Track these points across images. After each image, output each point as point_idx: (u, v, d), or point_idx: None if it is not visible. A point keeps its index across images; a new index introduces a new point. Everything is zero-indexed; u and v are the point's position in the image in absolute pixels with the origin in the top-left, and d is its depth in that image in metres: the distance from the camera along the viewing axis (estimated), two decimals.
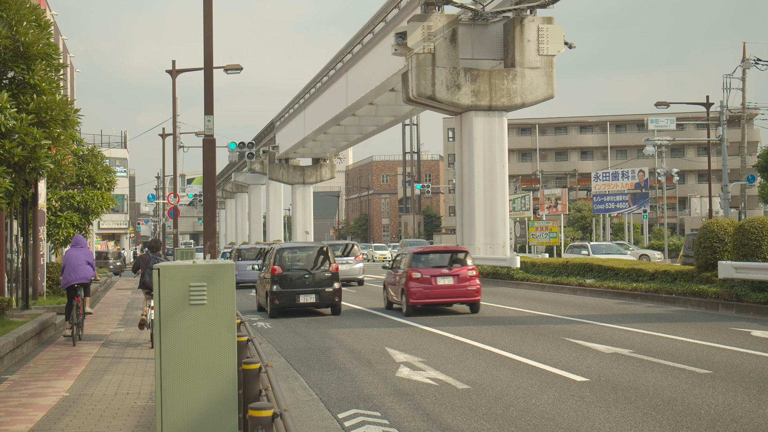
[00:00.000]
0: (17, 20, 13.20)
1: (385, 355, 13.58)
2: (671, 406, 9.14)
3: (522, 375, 11.35)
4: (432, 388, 10.60)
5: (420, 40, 34.18)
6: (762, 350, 12.93)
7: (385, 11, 41.40)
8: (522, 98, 35.46)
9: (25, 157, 12.74)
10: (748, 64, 43.44)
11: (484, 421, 8.78)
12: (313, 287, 20.65)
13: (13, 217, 18.87)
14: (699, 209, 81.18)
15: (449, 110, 36.90)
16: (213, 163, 16.54)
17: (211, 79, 16.38)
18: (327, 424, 8.96)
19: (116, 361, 13.02)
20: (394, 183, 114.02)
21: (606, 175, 61.54)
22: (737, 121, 65.35)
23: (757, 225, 19.94)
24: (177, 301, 6.91)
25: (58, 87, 14.15)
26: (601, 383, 10.55)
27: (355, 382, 11.27)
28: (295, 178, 78.96)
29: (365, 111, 53.57)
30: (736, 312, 18.83)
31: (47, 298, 21.48)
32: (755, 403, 9.19)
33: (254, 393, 6.74)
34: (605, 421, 8.61)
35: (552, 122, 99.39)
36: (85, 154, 27.35)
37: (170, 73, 37.55)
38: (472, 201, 35.60)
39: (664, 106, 44.95)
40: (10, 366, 12.52)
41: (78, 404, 9.64)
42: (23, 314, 17.39)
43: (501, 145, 35.83)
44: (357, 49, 47.65)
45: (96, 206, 27.01)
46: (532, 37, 35.20)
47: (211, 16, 16.30)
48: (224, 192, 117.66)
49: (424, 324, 17.89)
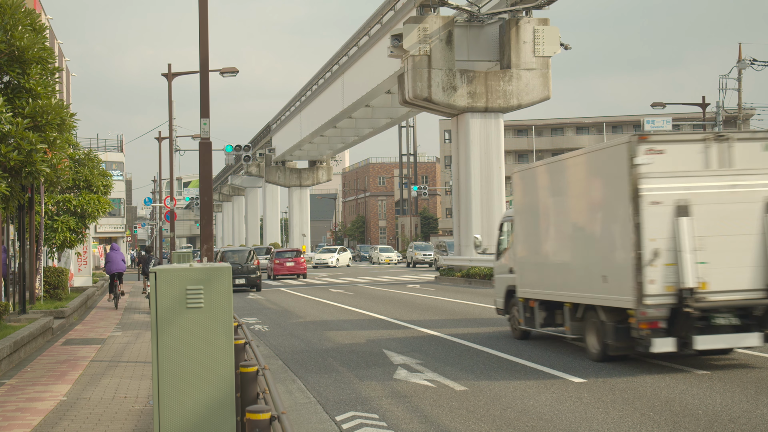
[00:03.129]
0: (12, 24, 13.19)
1: (382, 356, 13.58)
2: (669, 407, 9.15)
3: (520, 376, 11.35)
4: (430, 389, 10.60)
5: (416, 42, 34.21)
6: (760, 350, 12.94)
7: (380, 13, 41.43)
8: (518, 100, 35.49)
9: (21, 161, 12.71)
10: (744, 64, 43.50)
11: (482, 422, 8.78)
12: (243, 274, 34.12)
13: (9, 221, 18.84)
14: None
15: (445, 112, 36.94)
16: (209, 166, 16.52)
17: (207, 83, 16.36)
18: (325, 426, 8.96)
19: (113, 365, 13.00)
20: (390, 185, 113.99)
21: None
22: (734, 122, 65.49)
23: None
24: (174, 305, 6.90)
25: (53, 91, 14.12)
26: (598, 384, 10.56)
27: (353, 384, 11.26)
28: (291, 180, 78.96)
29: (361, 113, 53.59)
30: None
31: (44, 302, 21.45)
32: (753, 404, 9.19)
33: (252, 396, 6.73)
34: (603, 422, 8.61)
35: (548, 123, 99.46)
36: (81, 158, 27.31)
37: (166, 77, 37.51)
38: (468, 202, 35.63)
39: (660, 107, 45.02)
40: (8, 370, 12.50)
41: (75, 408, 9.62)
42: (20, 318, 17.37)
43: (497, 146, 35.87)
44: (353, 52, 47.67)
45: (92, 210, 26.97)
46: (528, 38, 35.24)
47: (207, 20, 16.29)
48: (221, 195, 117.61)
49: (421, 326, 17.90)
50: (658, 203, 10.97)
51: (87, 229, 29.03)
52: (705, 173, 11.16)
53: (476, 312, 20.91)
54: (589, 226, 12.69)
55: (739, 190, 11.18)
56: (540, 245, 14.25)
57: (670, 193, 10.99)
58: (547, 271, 14.04)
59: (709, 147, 11.24)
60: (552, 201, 13.83)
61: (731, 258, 11.01)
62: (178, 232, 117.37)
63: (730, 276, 11.00)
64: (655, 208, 10.96)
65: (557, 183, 13.68)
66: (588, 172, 12.78)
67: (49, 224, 25.83)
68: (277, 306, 25.61)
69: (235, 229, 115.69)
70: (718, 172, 11.18)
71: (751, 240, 11.08)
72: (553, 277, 13.77)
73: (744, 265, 11.04)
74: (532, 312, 14.39)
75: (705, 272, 10.87)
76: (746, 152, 11.27)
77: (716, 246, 10.97)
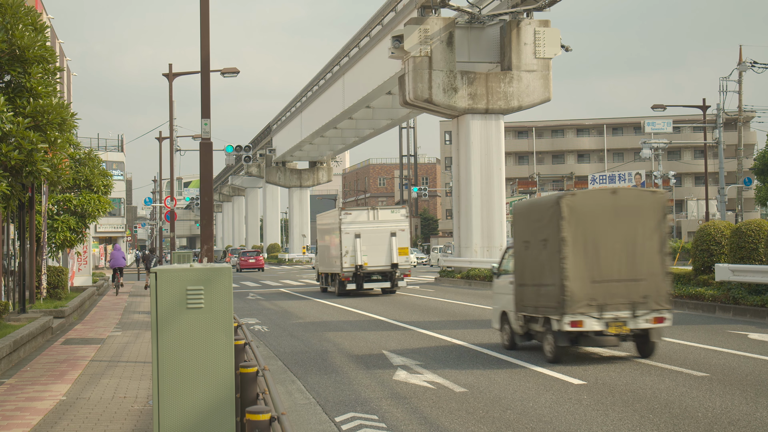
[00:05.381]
0: (13, 24, 13.18)
1: (382, 358, 13.58)
2: (668, 409, 9.15)
3: (519, 378, 11.35)
4: (429, 391, 10.60)
5: (417, 44, 34.20)
6: (759, 353, 12.94)
7: (381, 14, 41.42)
8: (519, 101, 35.48)
9: (22, 160, 12.72)
10: (745, 66, 43.50)
11: (482, 424, 8.78)
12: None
13: (9, 220, 18.84)
14: (696, 212, 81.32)
15: (446, 113, 36.93)
16: (210, 166, 16.51)
17: (208, 83, 16.36)
18: (324, 427, 8.95)
19: (113, 365, 13.00)
20: (391, 186, 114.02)
21: (603, 178, 61.68)
22: (734, 124, 65.48)
23: (753, 228, 19.96)
24: (174, 305, 6.90)
25: (54, 91, 14.12)
26: (598, 386, 10.56)
27: (353, 385, 11.26)
28: (291, 181, 78.96)
29: (362, 114, 53.59)
30: (733, 315, 18.85)
31: (44, 302, 21.44)
32: (752, 406, 9.19)
33: (251, 397, 6.73)
34: (602, 424, 8.61)
35: (549, 125, 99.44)
36: (81, 158, 27.32)
37: (167, 77, 37.53)
38: (469, 204, 35.61)
39: (660, 109, 45.06)
40: (7, 370, 12.50)
41: (75, 408, 9.62)
42: (20, 318, 17.36)
43: (498, 148, 35.85)
44: (354, 52, 47.67)
45: (93, 210, 26.98)
46: (529, 40, 35.22)
47: (208, 21, 16.28)
48: (221, 195, 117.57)
49: (421, 327, 17.90)
50: (348, 233, 28.84)
51: (87, 229, 29.04)
52: (366, 221, 29.05)
53: (476, 313, 20.91)
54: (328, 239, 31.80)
55: (380, 228, 29.04)
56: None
57: (352, 228, 28.85)
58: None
59: (369, 211, 29.37)
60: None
61: (376, 254, 28.80)
62: (178, 233, 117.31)
63: (375, 260, 28.80)
64: (346, 235, 28.81)
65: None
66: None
67: (50, 224, 25.81)
68: (277, 307, 25.61)
69: (235, 230, 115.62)
70: (372, 221, 29.05)
71: (384, 248, 28.86)
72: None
73: (381, 256, 28.83)
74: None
75: (365, 259, 28.74)
76: (383, 213, 29.30)
77: (370, 250, 28.78)
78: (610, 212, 12.38)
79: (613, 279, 12.22)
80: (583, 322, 12.08)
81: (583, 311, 12.07)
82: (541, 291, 12.81)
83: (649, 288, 12.29)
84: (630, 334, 12.38)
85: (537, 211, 13.36)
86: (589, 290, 12.11)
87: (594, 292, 12.13)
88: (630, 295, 12.24)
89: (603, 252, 12.20)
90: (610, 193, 12.85)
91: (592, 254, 12.16)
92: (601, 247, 12.21)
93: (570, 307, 12.03)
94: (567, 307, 12.03)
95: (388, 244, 28.68)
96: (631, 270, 12.28)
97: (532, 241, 13.29)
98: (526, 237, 13.56)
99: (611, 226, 12.33)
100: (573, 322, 12.07)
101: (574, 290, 12.04)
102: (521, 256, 13.66)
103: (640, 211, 12.50)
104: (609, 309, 12.15)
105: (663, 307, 12.37)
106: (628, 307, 12.21)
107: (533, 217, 13.43)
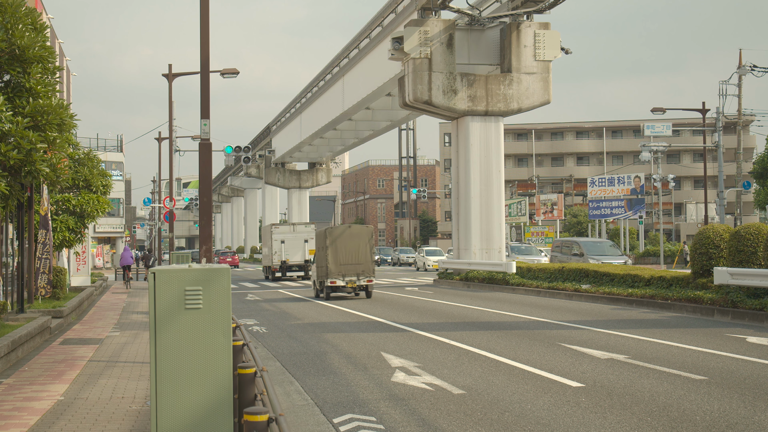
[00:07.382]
0: (13, 23, 13.17)
1: (380, 359, 13.57)
2: (667, 412, 9.15)
3: (517, 380, 11.34)
4: (427, 393, 10.59)
5: (416, 45, 34.22)
6: (757, 356, 12.95)
7: (381, 16, 41.45)
8: (518, 103, 35.51)
9: (21, 160, 12.70)
10: (744, 70, 43.56)
11: (480, 426, 8.77)
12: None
13: (8, 220, 18.83)
14: (695, 215, 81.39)
15: (446, 115, 36.94)
16: (209, 167, 16.51)
17: (208, 84, 16.36)
18: (322, 429, 8.95)
19: (111, 365, 12.99)
20: (390, 188, 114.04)
21: (602, 180, 61.65)
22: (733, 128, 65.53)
23: (752, 231, 19.97)
24: (172, 305, 6.89)
25: (54, 91, 14.11)
26: (596, 389, 10.55)
27: (351, 386, 11.26)
28: (291, 182, 78.98)
29: (362, 115, 53.62)
30: (731, 318, 18.85)
31: (42, 302, 21.43)
32: (750, 410, 9.19)
33: (249, 397, 6.73)
34: (601, 426, 8.60)
35: (548, 127, 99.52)
36: (80, 158, 27.31)
37: (167, 77, 37.56)
38: (468, 206, 35.62)
39: (660, 112, 45.07)
40: (5, 369, 12.49)
41: (73, 408, 9.61)
42: (18, 318, 17.35)
43: (497, 150, 35.87)
44: (353, 54, 47.69)
45: (92, 210, 26.97)
46: (529, 42, 35.26)
47: (208, 22, 16.28)
48: (220, 196, 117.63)
49: (420, 329, 17.90)
50: (276, 240, 44.41)
51: (86, 229, 29.02)
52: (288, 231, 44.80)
53: (474, 315, 20.91)
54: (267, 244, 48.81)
55: (297, 236, 44.39)
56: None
57: (278, 236, 44.55)
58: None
59: (291, 225, 45.51)
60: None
61: (295, 253, 44.19)
62: (177, 233, 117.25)
63: (295, 258, 44.14)
64: (276, 241, 44.42)
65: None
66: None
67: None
68: (275, 308, 25.60)
69: (234, 230, 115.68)
70: (292, 231, 44.67)
71: (300, 249, 44.18)
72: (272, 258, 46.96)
73: (298, 254, 44.18)
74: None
75: (287, 257, 44.16)
76: (299, 227, 45.04)
77: (291, 251, 44.20)
78: (348, 235, 27.93)
79: (349, 263, 27.73)
80: (335, 282, 27.65)
81: (335, 278, 27.61)
82: (320, 269, 28.79)
83: (365, 268, 27.77)
84: (357, 287, 27.79)
85: (320, 234, 28.92)
86: (338, 268, 27.69)
87: (339, 269, 27.67)
88: (356, 270, 27.75)
89: (342, 252, 27.66)
90: (347, 227, 28.26)
91: (339, 253, 27.68)
92: (342, 250, 27.68)
93: (330, 275, 27.63)
94: (329, 275, 27.65)
95: (303, 247, 43.97)
96: (356, 260, 27.77)
97: (320, 247, 28.66)
98: (318, 245, 29.15)
99: (348, 241, 27.79)
100: (331, 281, 27.69)
101: (331, 268, 27.67)
102: (318, 255, 29.17)
103: (361, 235, 28.07)
104: (347, 276, 27.68)
105: (371, 276, 27.79)
106: (355, 275, 27.73)
107: (320, 236, 29.01)
